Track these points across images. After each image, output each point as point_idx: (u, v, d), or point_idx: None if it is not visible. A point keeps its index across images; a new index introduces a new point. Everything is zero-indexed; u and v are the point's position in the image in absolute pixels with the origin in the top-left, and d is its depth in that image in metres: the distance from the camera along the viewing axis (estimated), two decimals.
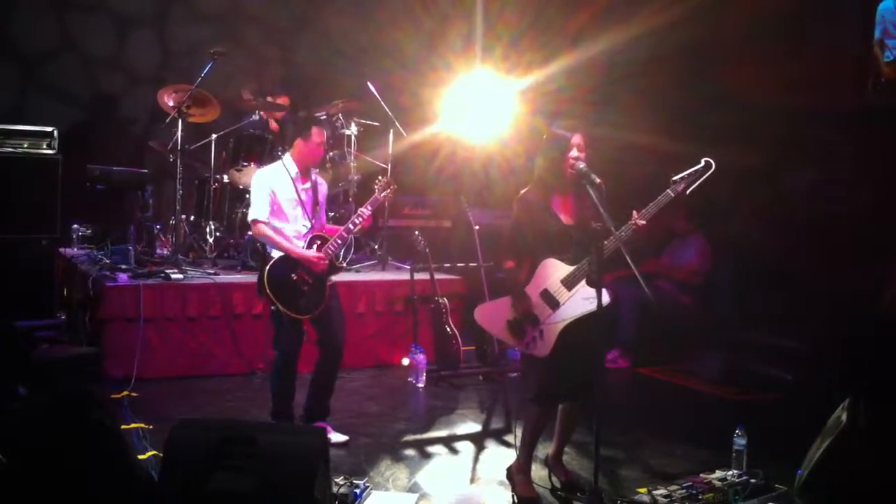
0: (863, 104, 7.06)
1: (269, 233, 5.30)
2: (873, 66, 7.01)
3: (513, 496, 4.60)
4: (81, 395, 3.82)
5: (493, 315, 4.65)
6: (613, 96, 8.51)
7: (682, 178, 4.45)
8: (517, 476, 4.65)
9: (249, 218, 5.43)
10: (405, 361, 7.11)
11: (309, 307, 5.26)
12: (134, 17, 9.54)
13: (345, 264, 7.79)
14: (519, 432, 4.73)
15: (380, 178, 5.62)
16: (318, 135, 5.40)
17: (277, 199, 5.34)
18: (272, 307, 5.25)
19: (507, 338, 4.59)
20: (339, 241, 5.37)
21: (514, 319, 4.49)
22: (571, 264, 4.40)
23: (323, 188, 5.63)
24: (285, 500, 3.72)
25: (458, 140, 8.92)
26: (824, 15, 7.41)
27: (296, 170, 5.41)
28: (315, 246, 5.34)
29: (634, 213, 4.41)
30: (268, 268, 5.24)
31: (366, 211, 5.38)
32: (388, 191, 5.49)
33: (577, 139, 4.44)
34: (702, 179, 4.44)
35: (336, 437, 5.34)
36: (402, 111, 8.77)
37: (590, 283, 4.32)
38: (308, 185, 5.48)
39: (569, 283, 4.37)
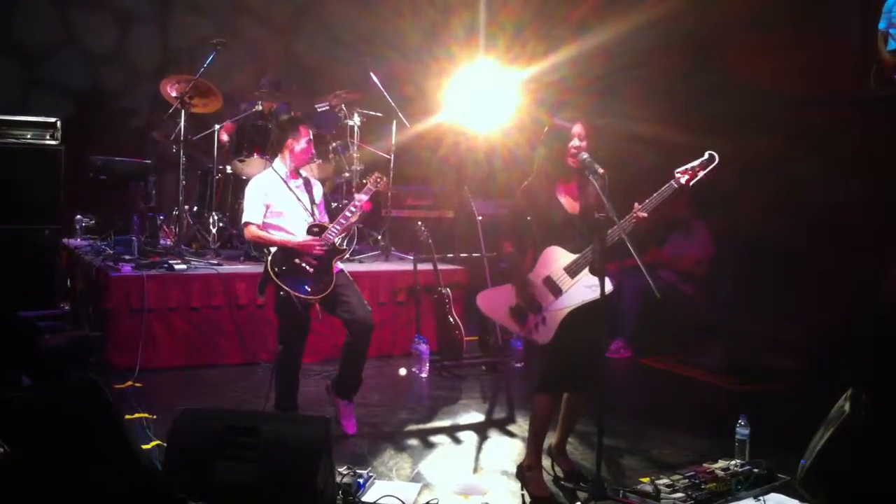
0: (865, 93, 7.05)
1: (260, 233, 5.45)
2: (875, 56, 7.00)
3: (523, 495, 4.52)
4: (84, 384, 3.83)
5: (495, 301, 4.66)
6: (616, 86, 8.49)
7: (685, 170, 4.43)
8: (529, 474, 4.55)
9: (242, 221, 5.55)
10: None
11: (318, 289, 5.27)
12: (135, 10, 9.54)
13: (347, 251, 7.83)
14: (523, 424, 4.71)
15: (370, 175, 5.64)
16: (306, 132, 5.52)
17: (274, 203, 5.45)
18: (280, 293, 5.25)
19: (509, 324, 4.59)
20: (338, 228, 5.39)
21: (516, 306, 4.49)
22: (575, 253, 4.40)
23: (317, 187, 5.70)
24: (287, 490, 3.74)
25: (461, 130, 8.91)
26: (826, 3, 7.39)
27: (285, 170, 5.53)
28: (312, 235, 5.39)
29: (636, 204, 4.40)
30: (270, 256, 5.29)
31: (359, 202, 5.42)
32: (381, 182, 5.53)
33: (577, 129, 4.43)
34: (705, 172, 4.42)
35: (349, 423, 5.36)
36: (405, 101, 8.76)
37: (593, 272, 4.32)
38: (300, 181, 5.58)
39: (572, 270, 4.37)
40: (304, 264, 5.29)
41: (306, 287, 5.25)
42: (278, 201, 5.46)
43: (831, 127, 7.06)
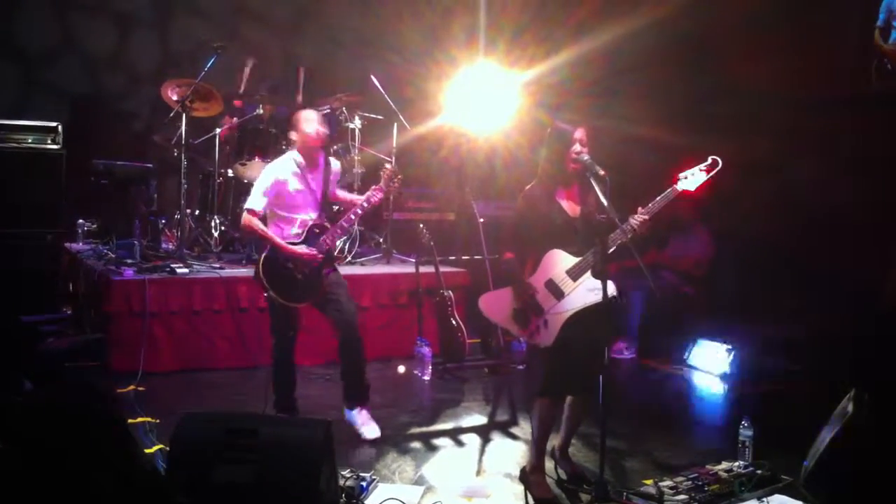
0: (865, 92, 7.06)
1: (256, 225, 5.29)
2: (875, 51, 7.01)
3: (526, 497, 4.50)
4: (86, 387, 3.83)
5: (497, 304, 4.66)
6: (616, 88, 8.50)
7: (688, 176, 4.44)
8: (532, 477, 4.56)
9: (245, 206, 5.38)
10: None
11: (302, 296, 5.26)
12: (135, 14, 9.55)
13: (349, 257, 7.82)
14: (525, 426, 4.70)
15: (387, 164, 5.54)
16: (305, 116, 5.39)
17: (285, 190, 5.33)
18: (265, 293, 5.27)
19: (511, 326, 4.59)
20: (339, 231, 5.36)
21: (517, 308, 4.49)
22: (577, 256, 4.40)
23: (335, 167, 5.57)
24: (289, 492, 3.73)
25: (462, 132, 8.91)
26: (826, 4, 7.39)
27: (302, 160, 5.41)
28: (313, 236, 5.33)
29: (640, 208, 4.40)
30: (265, 254, 5.29)
31: (366, 204, 5.30)
32: (395, 181, 5.32)
33: (579, 134, 4.44)
34: (708, 177, 4.43)
35: (368, 429, 5.34)
36: (406, 104, 8.75)
37: (595, 275, 4.33)
38: (317, 169, 5.46)
39: (574, 274, 4.38)
40: (294, 269, 5.26)
41: (291, 292, 5.24)
42: (291, 190, 5.35)
43: (831, 128, 7.07)
